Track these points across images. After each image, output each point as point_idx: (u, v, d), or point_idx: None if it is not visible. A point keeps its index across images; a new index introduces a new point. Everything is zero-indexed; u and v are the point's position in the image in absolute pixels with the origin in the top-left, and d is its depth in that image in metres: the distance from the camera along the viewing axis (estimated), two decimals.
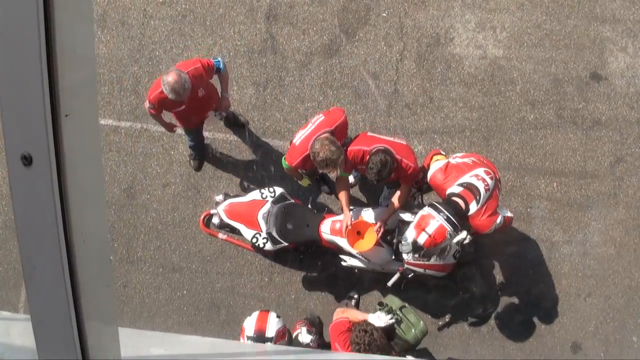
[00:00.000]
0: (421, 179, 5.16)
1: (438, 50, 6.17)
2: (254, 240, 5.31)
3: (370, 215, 5.27)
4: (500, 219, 4.76)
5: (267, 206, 5.32)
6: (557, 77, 6.12)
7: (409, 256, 5.06)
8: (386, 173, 4.74)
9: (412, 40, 6.19)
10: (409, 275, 5.30)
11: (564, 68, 6.13)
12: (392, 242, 5.24)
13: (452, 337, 5.94)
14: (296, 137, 5.06)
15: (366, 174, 4.88)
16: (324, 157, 4.66)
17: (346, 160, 4.90)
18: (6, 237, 6.10)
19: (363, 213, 5.28)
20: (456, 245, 4.94)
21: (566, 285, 5.96)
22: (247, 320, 4.64)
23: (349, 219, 5.12)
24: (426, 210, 4.65)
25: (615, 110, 6.09)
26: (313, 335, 5.01)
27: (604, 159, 6.05)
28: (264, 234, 5.28)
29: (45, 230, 1.49)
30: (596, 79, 6.12)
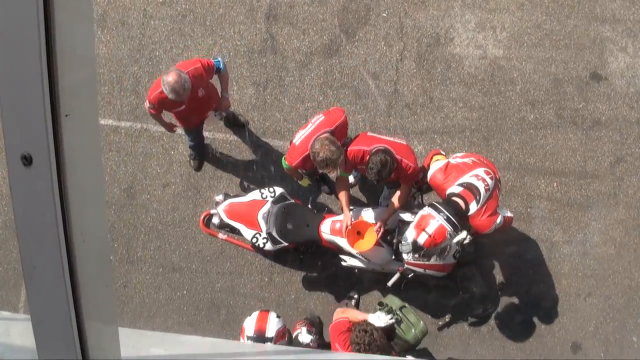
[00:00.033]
0: (421, 179, 5.16)
1: (438, 50, 6.17)
2: (254, 240, 5.31)
3: (370, 215, 5.27)
4: (500, 219, 4.76)
5: (267, 206, 5.32)
6: (557, 77, 6.12)
7: (409, 256, 5.07)
8: (386, 173, 4.74)
9: (412, 40, 6.19)
10: (409, 275, 5.30)
11: (564, 68, 6.12)
12: (392, 242, 5.24)
13: (452, 337, 5.94)
14: (296, 137, 5.06)
15: (366, 174, 4.88)
16: (324, 157, 4.66)
17: (346, 160, 4.90)
18: (6, 237, 6.10)
19: (363, 213, 5.28)
20: (456, 245, 4.95)
21: (566, 285, 5.96)
22: (247, 320, 4.64)
23: (349, 219, 5.12)
24: (426, 210, 4.65)
25: (615, 110, 6.08)
26: (313, 335, 5.01)
27: (604, 159, 6.05)
28: (264, 234, 5.28)
29: (45, 230, 1.48)
30: (596, 79, 6.12)
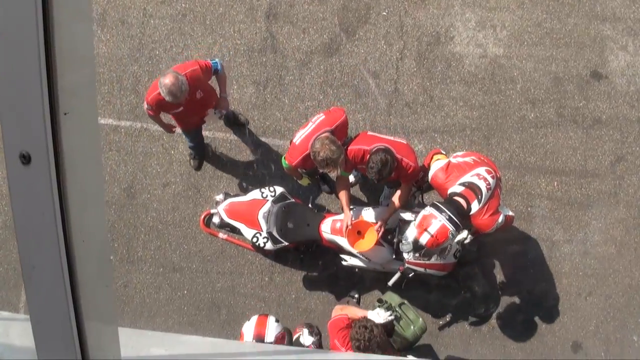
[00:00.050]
0: (421, 178, 5.15)
1: (438, 49, 6.16)
2: (255, 240, 5.30)
3: (370, 214, 5.26)
4: (501, 218, 4.75)
5: (268, 205, 5.31)
6: (558, 76, 6.11)
7: (410, 255, 5.07)
8: (387, 172, 4.73)
9: (413, 39, 6.18)
10: (410, 274, 5.29)
11: (565, 66, 6.12)
12: (393, 242, 5.23)
13: (453, 337, 5.93)
14: (296, 137, 5.05)
15: (366, 174, 4.87)
16: (325, 157, 4.65)
17: (346, 159, 4.89)
18: (6, 237, 6.10)
19: (363, 212, 5.27)
20: (457, 244, 4.94)
21: (567, 285, 5.95)
22: (246, 325, 4.62)
23: (350, 219, 5.11)
24: (428, 210, 4.63)
25: (615, 109, 6.08)
26: (315, 337, 4.98)
27: (605, 157, 6.04)
28: (264, 234, 5.27)
29: (44, 229, 1.48)
30: (596, 77, 6.11)
